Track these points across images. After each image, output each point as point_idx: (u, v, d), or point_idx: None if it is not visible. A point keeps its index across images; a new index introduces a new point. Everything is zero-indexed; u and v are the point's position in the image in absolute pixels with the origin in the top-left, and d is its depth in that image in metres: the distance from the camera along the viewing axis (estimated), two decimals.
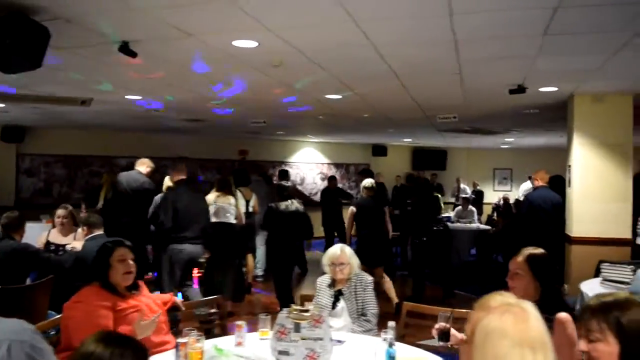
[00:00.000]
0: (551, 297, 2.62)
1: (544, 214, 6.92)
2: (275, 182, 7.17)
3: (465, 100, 6.70)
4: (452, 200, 13.75)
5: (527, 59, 4.50)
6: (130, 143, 11.76)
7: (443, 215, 11.51)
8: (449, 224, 10.26)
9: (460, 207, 11.11)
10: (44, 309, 4.29)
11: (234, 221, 6.82)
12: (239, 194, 7.35)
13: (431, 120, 8.24)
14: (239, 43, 4.09)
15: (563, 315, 2.51)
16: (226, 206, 6.78)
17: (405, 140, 13.52)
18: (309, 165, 14.09)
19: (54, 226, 5.55)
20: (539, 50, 4.17)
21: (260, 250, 8.51)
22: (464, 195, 12.18)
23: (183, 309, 3.53)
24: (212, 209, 6.52)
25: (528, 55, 4.35)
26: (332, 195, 10.81)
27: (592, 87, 5.86)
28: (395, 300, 6.82)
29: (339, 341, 3.12)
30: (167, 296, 3.64)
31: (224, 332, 3.71)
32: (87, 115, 8.31)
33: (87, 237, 4.84)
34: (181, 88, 6.05)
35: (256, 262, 8.53)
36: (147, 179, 6.69)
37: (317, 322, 2.72)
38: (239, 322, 3.11)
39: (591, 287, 4.54)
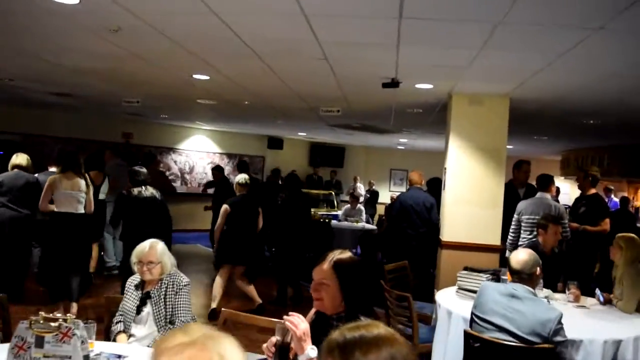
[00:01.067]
0: (358, 309, 2.17)
1: (415, 215, 6.76)
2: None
3: (344, 93, 6.31)
4: (347, 198, 13.51)
5: (389, 48, 4.09)
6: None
7: (334, 213, 11.27)
8: (334, 222, 10.03)
9: (348, 205, 10.82)
10: None
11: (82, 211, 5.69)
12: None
13: (317, 113, 7.81)
14: None
15: None
16: (75, 193, 5.60)
17: (300, 134, 13.08)
18: (199, 153, 13.30)
19: None
20: (397, 37, 3.77)
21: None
22: (353, 194, 11.92)
23: None
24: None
25: (389, 43, 3.94)
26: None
27: (469, 87, 5.64)
28: (258, 300, 6.38)
29: (119, 356, 2.59)
30: None
31: None
32: None
33: None
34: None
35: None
36: None
37: (64, 336, 2.14)
38: None
39: (446, 296, 4.26)
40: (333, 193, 12.70)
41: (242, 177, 6.53)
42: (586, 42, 3.55)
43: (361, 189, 13.51)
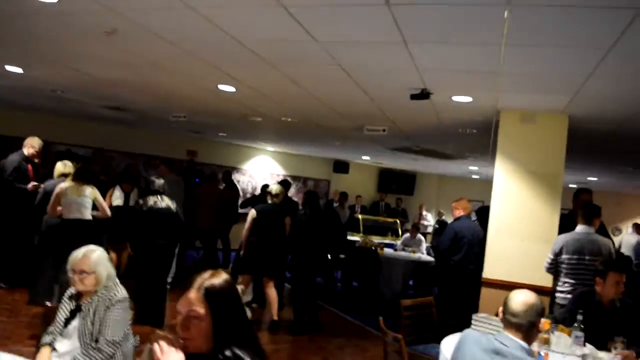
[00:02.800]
0: (227, 349, 1.65)
1: (468, 247, 6.02)
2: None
3: (380, 109, 5.77)
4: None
5: (396, 46, 3.52)
6: (69, 129, 11.04)
7: (390, 242, 10.56)
8: (389, 250, 9.35)
9: (408, 234, 10.08)
10: None
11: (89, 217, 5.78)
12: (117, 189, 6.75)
13: (362, 132, 7.28)
14: None
15: None
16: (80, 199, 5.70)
17: (364, 158, 12.54)
18: (263, 174, 13.14)
19: None
20: (398, 30, 3.21)
21: None
22: (416, 223, 11.13)
23: None
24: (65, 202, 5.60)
25: (393, 39, 3.38)
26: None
27: (518, 101, 4.90)
28: (275, 317, 6.10)
29: None
30: None
31: None
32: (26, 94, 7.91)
33: None
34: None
35: None
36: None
37: None
38: None
39: (453, 343, 3.52)
40: (398, 221, 11.96)
41: (274, 188, 6.43)
42: None
43: (428, 218, 12.66)
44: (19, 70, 6.12)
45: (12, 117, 10.64)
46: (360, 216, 11.64)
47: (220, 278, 1.75)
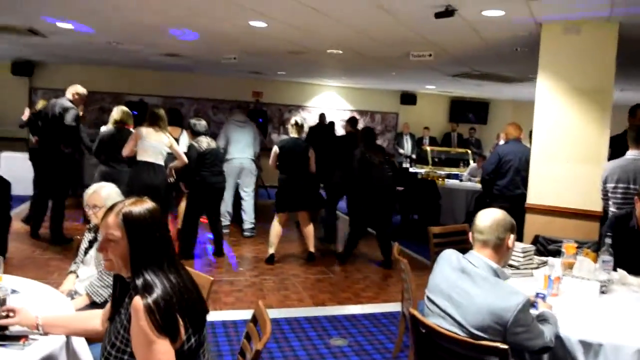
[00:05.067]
0: (142, 274, 1.73)
1: (514, 172, 5.75)
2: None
3: (414, 32, 5.50)
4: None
5: None
6: (139, 80, 11.62)
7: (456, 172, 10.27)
8: (453, 181, 9.15)
9: (474, 164, 9.74)
10: None
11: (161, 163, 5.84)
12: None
13: (409, 59, 7.00)
14: None
15: (137, 303, 1.65)
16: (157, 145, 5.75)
17: (428, 87, 12.07)
18: (329, 110, 13.09)
19: None
20: None
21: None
22: (481, 153, 10.70)
23: None
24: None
25: None
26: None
27: (559, 9, 4.47)
28: (311, 249, 6.24)
29: (14, 291, 2.51)
30: None
31: None
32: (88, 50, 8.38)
33: None
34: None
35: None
36: (63, 104, 6.29)
37: None
38: None
39: None
40: (469, 152, 11.54)
41: (295, 119, 6.35)
42: None
43: None
44: (70, 25, 6.43)
45: (84, 71, 11.32)
46: (428, 148, 11.37)
47: (141, 206, 1.80)
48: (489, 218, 2.28)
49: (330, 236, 7.55)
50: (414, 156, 12.28)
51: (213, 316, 4.35)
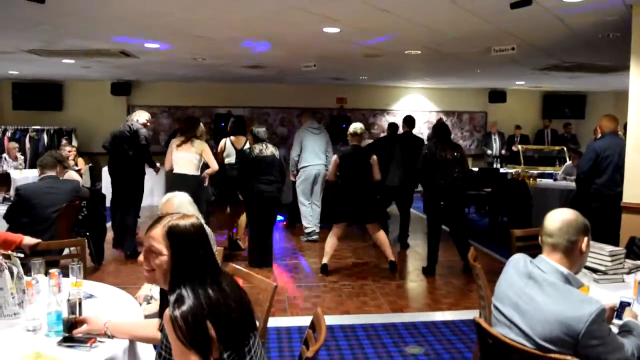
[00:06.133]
0: (180, 288, 1.74)
1: (614, 169, 5.30)
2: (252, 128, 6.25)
3: (492, 25, 5.24)
4: None
5: None
6: (227, 93, 12.07)
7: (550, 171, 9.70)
8: (547, 181, 8.65)
9: (570, 162, 9.13)
10: None
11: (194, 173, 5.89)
12: (227, 143, 6.57)
13: (490, 55, 6.68)
14: None
15: (166, 315, 1.68)
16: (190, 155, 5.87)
17: (518, 83, 11.47)
18: (414, 113, 12.82)
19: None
20: None
21: None
22: (576, 149, 9.98)
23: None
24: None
25: None
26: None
27: None
28: (391, 257, 5.91)
29: (91, 295, 2.72)
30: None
31: None
32: (176, 66, 8.82)
33: (39, 177, 4.89)
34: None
35: None
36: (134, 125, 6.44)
37: None
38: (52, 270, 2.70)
39: None
40: (564, 149, 10.83)
41: (354, 127, 6.00)
42: None
43: None
44: (156, 45, 6.80)
45: (176, 87, 11.94)
46: (519, 147, 10.81)
47: (187, 221, 1.82)
48: (559, 219, 2.09)
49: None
50: (503, 153, 11.75)
51: (289, 322, 4.38)
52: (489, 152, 11.91)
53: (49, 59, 7.87)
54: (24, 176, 8.06)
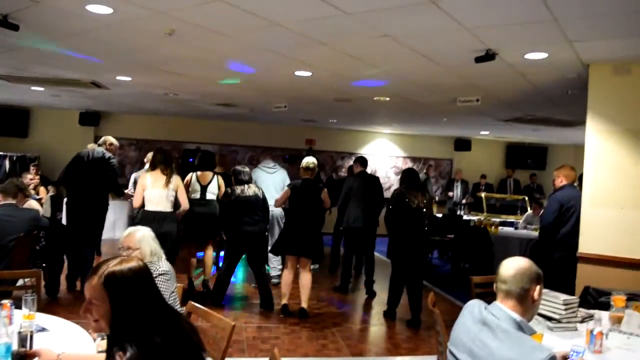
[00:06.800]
0: (122, 339, 1.71)
1: (575, 218, 5.36)
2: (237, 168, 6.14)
3: (458, 76, 5.45)
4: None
5: (428, 7, 3.33)
6: (197, 129, 12.07)
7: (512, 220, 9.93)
8: (507, 229, 8.82)
9: (531, 212, 9.37)
10: None
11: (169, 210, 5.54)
12: (193, 178, 6.32)
13: (456, 105, 6.92)
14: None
15: None
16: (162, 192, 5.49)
17: (482, 133, 11.84)
18: (381, 157, 13.08)
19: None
20: None
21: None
22: (538, 199, 10.27)
23: None
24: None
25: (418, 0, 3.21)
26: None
27: (606, 51, 4.33)
28: (304, 304, 5.67)
29: (43, 329, 2.65)
30: None
31: None
32: (148, 99, 8.84)
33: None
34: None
35: None
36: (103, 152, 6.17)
37: None
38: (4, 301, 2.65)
39: None
40: (526, 198, 11.14)
41: (306, 161, 5.88)
42: None
43: None
44: (128, 78, 6.82)
45: (145, 121, 11.90)
46: (483, 194, 11.07)
47: (125, 265, 1.76)
48: (513, 267, 2.15)
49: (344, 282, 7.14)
50: (464, 202, 11.99)
51: None
52: (450, 194, 12.16)
53: (17, 85, 7.79)
54: None
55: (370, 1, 3.37)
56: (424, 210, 5.73)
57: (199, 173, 6.32)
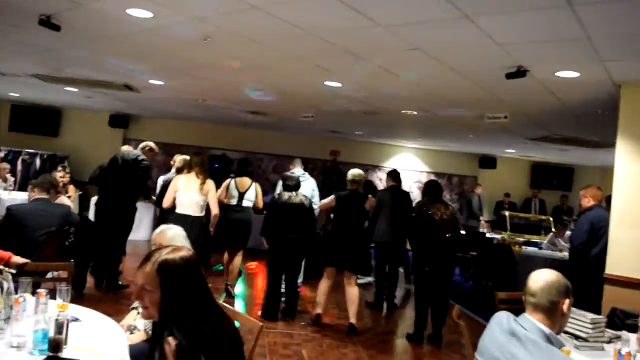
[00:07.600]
0: (171, 322, 1.76)
1: (606, 238, 5.23)
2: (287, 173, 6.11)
3: (487, 92, 5.45)
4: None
5: (461, 21, 3.36)
6: (223, 135, 12.23)
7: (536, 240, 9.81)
8: (532, 249, 8.72)
9: (552, 233, 9.26)
10: None
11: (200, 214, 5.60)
12: (231, 184, 6.36)
13: (483, 121, 6.90)
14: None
15: (167, 347, 1.69)
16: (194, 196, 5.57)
17: (508, 151, 11.76)
18: (406, 172, 13.05)
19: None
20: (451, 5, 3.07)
21: None
22: (563, 220, 10.13)
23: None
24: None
25: (451, 15, 3.24)
26: None
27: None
28: (352, 319, 5.53)
29: (76, 319, 2.68)
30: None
31: None
32: (177, 104, 9.04)
33: (30, 199, 4.92)
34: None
35: None
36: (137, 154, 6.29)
37: None
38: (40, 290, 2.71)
39: None
40: (550, 219, 11.01)
41: (352, 173, 5.84)
42: None
43: None
44: (160, 82, 6.96)
45: (173, 125, 12.10)
46: (507, 213, 10.98)
47: (177, 254, 1.82)
48: (542, 279, 2.15)
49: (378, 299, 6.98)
50: (482, 219, 11.83)
51: None
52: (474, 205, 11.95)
53: (52, 85, 8.00)
54: (12, 197, 8.01)
55: (406, 14, 3.42)
56: (447, 222, 5.59)
57: (237, 179, 6.34)
